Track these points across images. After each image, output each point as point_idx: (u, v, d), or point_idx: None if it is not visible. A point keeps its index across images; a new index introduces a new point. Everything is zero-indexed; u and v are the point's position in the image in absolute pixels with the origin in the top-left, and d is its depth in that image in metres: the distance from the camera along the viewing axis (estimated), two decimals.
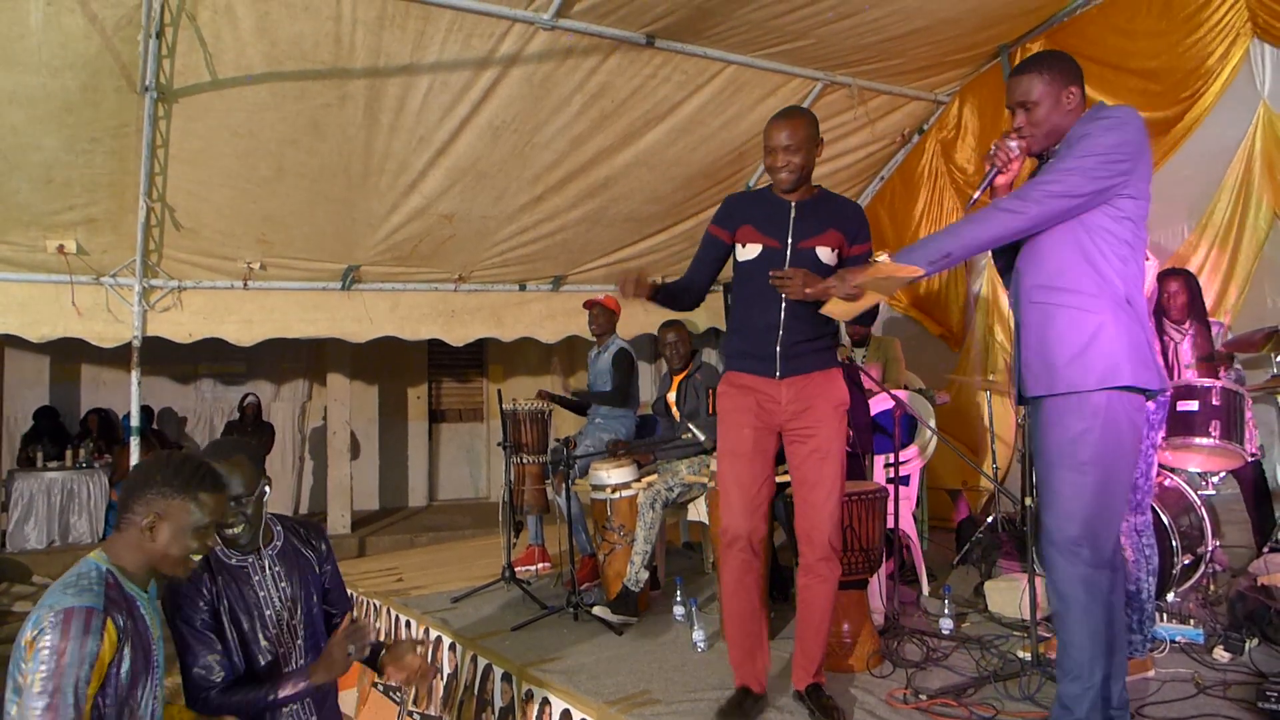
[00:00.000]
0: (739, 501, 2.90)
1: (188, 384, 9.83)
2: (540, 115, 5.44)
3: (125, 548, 1.97)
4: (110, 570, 1.93)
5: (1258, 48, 4.67)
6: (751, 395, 2.92)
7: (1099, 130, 2.28)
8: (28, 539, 7.92)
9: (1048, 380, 2.33)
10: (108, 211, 5.28)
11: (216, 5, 4.22)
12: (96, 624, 1.79)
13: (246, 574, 2.36)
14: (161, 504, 1.95)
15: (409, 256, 6.43)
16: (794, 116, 2.96)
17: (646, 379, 9.34)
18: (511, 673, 3.56)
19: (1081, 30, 5.47)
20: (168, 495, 1.96)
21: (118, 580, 1.93)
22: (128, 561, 1.96)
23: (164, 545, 1.96)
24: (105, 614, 1.82)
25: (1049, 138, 2.41)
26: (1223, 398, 3.81)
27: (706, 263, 3.20)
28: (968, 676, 3.17)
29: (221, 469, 2.16)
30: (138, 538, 1.95)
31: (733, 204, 3.15)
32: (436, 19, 4.59)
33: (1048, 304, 2.33)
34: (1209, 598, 3.83)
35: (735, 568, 2.92)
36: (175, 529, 1.96)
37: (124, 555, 1.96)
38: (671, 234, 7.13)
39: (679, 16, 4.91)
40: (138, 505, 1.95)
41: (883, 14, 5.07)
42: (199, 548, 2.01)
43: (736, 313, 3.07)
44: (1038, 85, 2.39)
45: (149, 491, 1.96)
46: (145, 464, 2.05)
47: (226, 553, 2.35)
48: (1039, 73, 2.40)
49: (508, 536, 4.97)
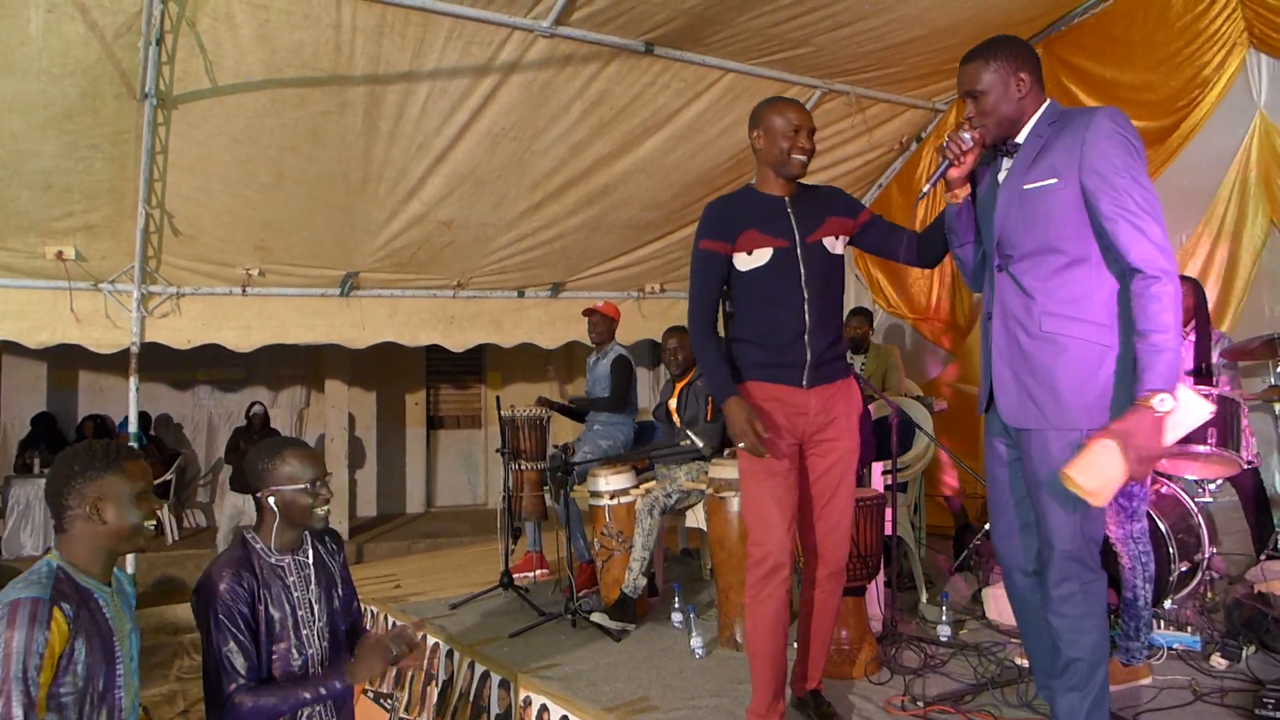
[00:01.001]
0: (781, 524, 2.65)
1: (185, 390, 9.83)
2: (539, 122, 5.45)
3: (74, 542, 1.99)
4: (61, 566, 1.96)
5: (1254, 58, 4.68)
6: (780, 407, 2.72)
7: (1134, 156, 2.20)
8: (24, 545, 7.91)
9: (1056, 416, 2.24)
10: (106, 218, 5.28)
11: (216, 12, 4.23)
12: (43, 614, 1.81)
13: (284, 573, 2.41)
14: (94, 486, 1.98)
15: (408, 263, 6.44)
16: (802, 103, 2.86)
17: (645, 385, 9.34)
18: (509, 679, 3.56)
19: (1079, 39, 5.50)
20: (95, 476, 1.98)
21: (69, 575, 1.95)
22: (78, 556, 1.99)
23: (114, 522, 1.99)
24: (51, 603, 1.84)
25: (1001, 126, 2.33)
26: (1219, 405, 3.82)
27: (716, 283, 2.82)
28: (966, 683, 3.17)
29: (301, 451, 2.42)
30: (84, 528, 1.98)
31: (720, 212, 2.84)
32: (436, 27, 4.61)
33: (1059, 335, 2.23)
34: (1206, 605, 3.83)
35: (778, 599, 2.66)
36: (117, 503, 1.99)
37: (74, 550, 1.99)
38: (670, 241, 7.14)
39: (678, 24, 4.93)
40: (70, 499, 1.98)
41: (881, 22, 5.09)
42: (146, 513, 2.04)
43: (749, 322, 2.79)
44: (985, 73, 2.32)
45: (74, 482, 1.98)
46: (56, 464, 2.06)
47: (267, 551, 2.41)
48: (986, 60, 2.33)
49: (506, 543, 4.98)
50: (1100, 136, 2.18)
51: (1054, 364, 2.23)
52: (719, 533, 3.86)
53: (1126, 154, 2.17)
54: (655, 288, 7.70)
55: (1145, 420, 2.01)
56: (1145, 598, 3.08)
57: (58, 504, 2.00)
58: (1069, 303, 2.22)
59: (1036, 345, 2.26)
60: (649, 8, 4.70)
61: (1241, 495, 4.31)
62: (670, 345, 4.80)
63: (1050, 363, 2.24)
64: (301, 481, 2.39)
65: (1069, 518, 2.24)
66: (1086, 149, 2.18)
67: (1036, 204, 2.26)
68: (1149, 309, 2.07)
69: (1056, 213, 2.22)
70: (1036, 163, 2.27)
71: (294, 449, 2.44)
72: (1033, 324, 2.26)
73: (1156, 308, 2.06)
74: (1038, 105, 2.33)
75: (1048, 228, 2.24)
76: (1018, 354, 2.30)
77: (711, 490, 3.92)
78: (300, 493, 2.39)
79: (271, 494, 2.39)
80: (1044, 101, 2.34)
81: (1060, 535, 2.25)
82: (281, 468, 2.40)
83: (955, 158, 2.39)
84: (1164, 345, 2.04)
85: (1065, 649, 2.29)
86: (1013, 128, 2.33)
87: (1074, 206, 2.20)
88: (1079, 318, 2.21)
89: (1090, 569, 2.28)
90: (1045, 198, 2.24)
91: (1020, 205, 2.29)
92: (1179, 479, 4.08)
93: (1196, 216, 4.97)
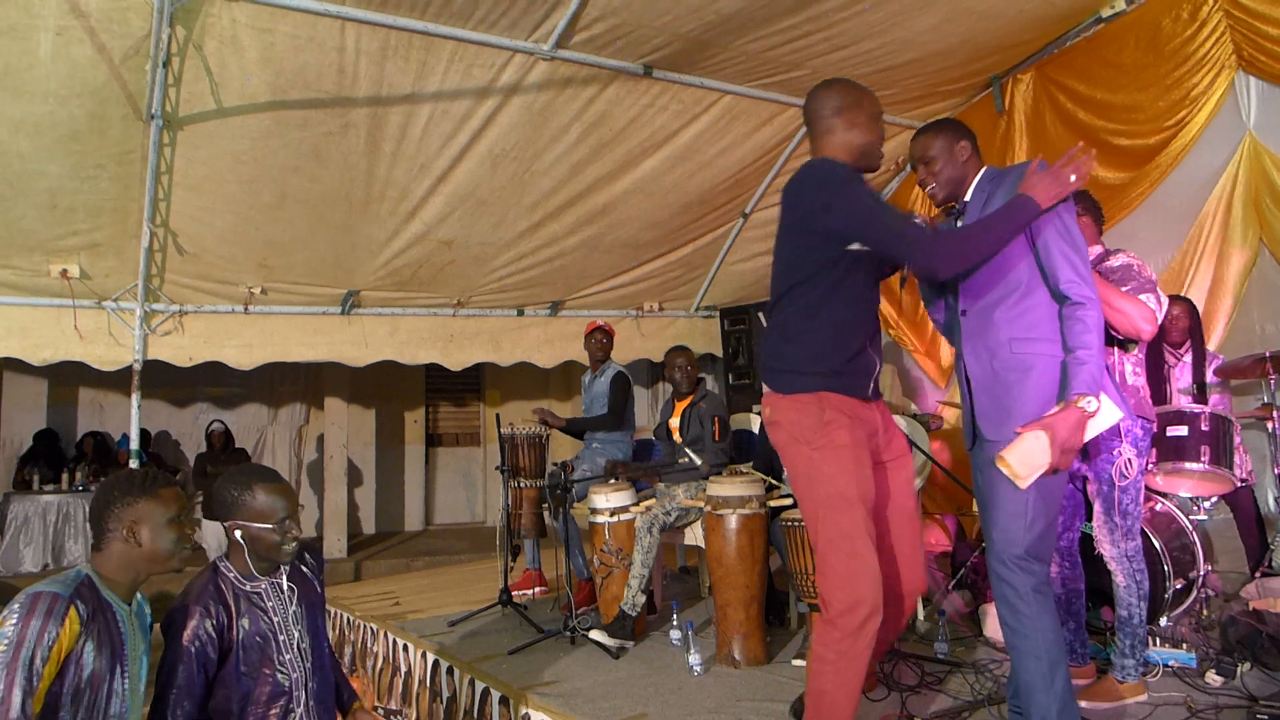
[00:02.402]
0: (875, 562, 2.39)
1: (184, 408, 9.84)
2: (539, 143, 5.52)
3: (108, 560, 2.10)
4: (90, 574, 2.07)
5: (1243, 79, 4.74)
6: (862, 425, 2.56)
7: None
8: (23, 561, 7.91)
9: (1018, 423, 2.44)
10: (111, 236, 5.34)
11: (223, 35, 4.30)
12: (60, 609, 1.91)
13: (261, 599, 2.37)
14: (131, 511, 2.10)
15: (408, 282, 6.49)
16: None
17: (642, 404, 9.37)
18: (509, 696, 3.57)
19: (1070, 62, 5.57)
20: (132, 502, 2.11)
21: (94, 584, 2.05)
22: (110, 572, 2.10)
23: (148, 545, 2.11)
24: (70, 601, 1.94)
25: (949, 185, 2.69)
26: (1211, 423, 3.86)
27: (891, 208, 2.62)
28: (963, 700, 3.19)
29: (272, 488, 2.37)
30: (121, 548, 2.10)
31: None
32: (438, 50, 4.68)
33: (1026, 355, 2.51)
34: (1201, 622, 3.85)
35: (870, 646, 2.38)
36: (151, 527, 2.11)
37: (106, 566, 2.10)
38: (668, 260, 7.21)
39: (676, 48, 5.01)
40: (110, 521, 2.10)
41: (875, 45, 5.16)
42: (179, 538, 2.15)
43: (827, 318, 2.56)
44: (935, 142, 2.70)
45: (114, 506, 2.10)
46: (99, 488, 2.20)
47: (240, 579, 2.36)
48: (934, 133, 2.72)
49: (505, 560, 4.99)
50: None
51: (1024, 381, 2.50)
52: (717, 550, 3.88)
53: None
54: (654, 306, 7.75)
55: (1072, 416, 2.33)
56: (1140, 615, 3.10)
57: (98, 525, 2.11)
58: (1031, 327, 2.52)
59: (1007, 368, 2.54)
60: (647, 32, 4.78)
61: (1236, 513, 4.34)
62: (677, 363, 4.81)
63: (1021, 380, 2.51)
64: (269, 520, 2.33)
65: (1020, 517, 2.44)
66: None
67: None
68: (1074, 329, 2.44)
69: (1009, 250, 2.53)
70: (983, 212, 2.59)
71: (263, 483, 2.36)
72: (1003, 350, 2.54)
73: (1080, 328, 2.43)
74: (978, 169, 2.71)
75: (1003, 263, 2.54)
76: (993, 379, 2.57)
77: (710, 508, 3.94)
78: (267, 530, 2.33)
79: (238, 528, 2.33)
80: (982, 167, 2.72)
81: (1013, 534, 2.45)
82: (250, 503, 2.33)
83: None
84: (1086, 359, 2.40)
85: (1020, 646, 2.43)
86: (959, 187, 2.70)
87: (1020, 244, 2.53)
88: (1041, 338, 2.51)
89: (1044, 565, 2.47)
90: None
91: None
92: (1174, 497, 4.11)
93: (1185, 235, 5.03)
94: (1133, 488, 3.11)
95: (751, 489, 3.92)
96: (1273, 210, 4.62)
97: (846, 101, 2.62)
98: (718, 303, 7.92)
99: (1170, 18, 4.91)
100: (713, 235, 7.12)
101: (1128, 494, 3.10)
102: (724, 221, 7.00)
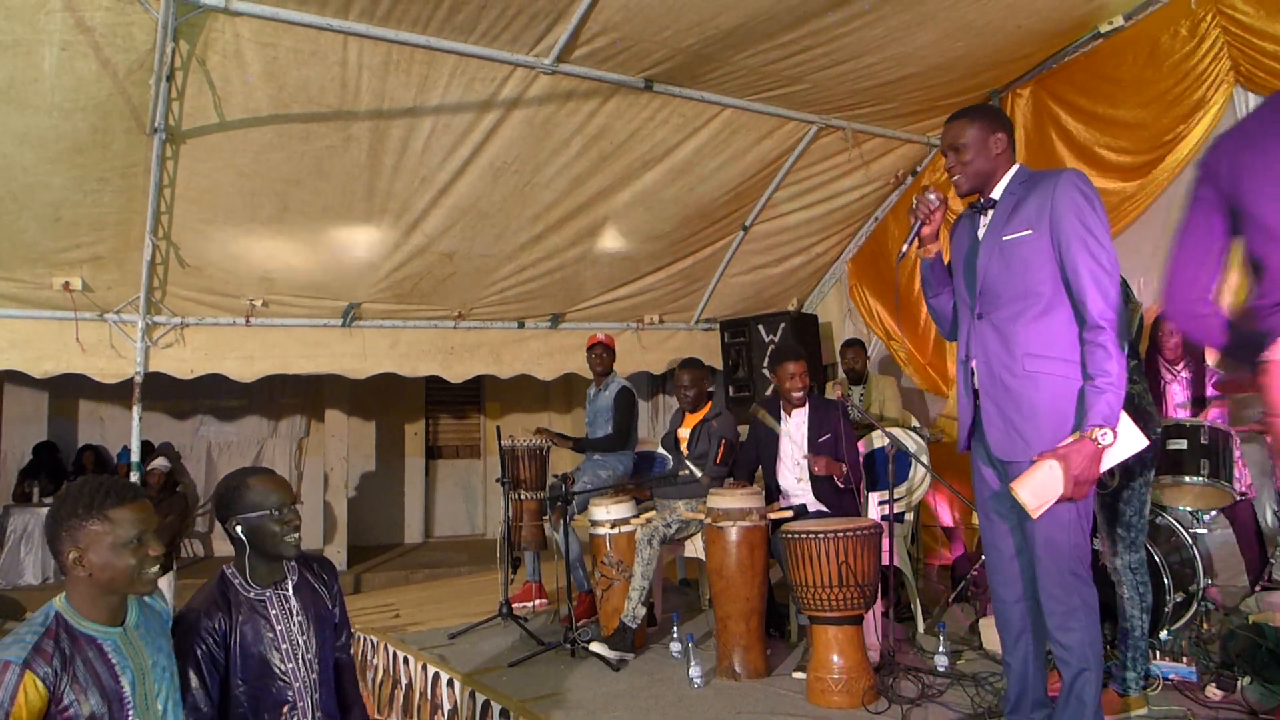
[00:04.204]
0: None
1: (184, 420, 9.83)
2: (541, 156, 5.54)
3: (75, 587, 1.95)
4: (60, 613, 1.92)
5: (1240, 94, 4.77)
6: None
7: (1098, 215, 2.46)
8: (23, 573, 7.90)
9: (1039, 446, 2.43)
10: (113, 249, 5.35)
11: (226, 50, 4.33)
12: (10, 679, 1.78)
13: (265, 607, 2.36)
14: (77, 534, 1.91)
15: (409, 294, 6.50)
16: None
17: (643, 416, 9.37)
18: (510, 709, 3.56)
19: (1069, 76, 5.61)
20: (77, 525, 1.91)
21: (66, 623, 1.91)
22: (80, 599, 1.95)
23: (100, 572, 1.92)
24: (24, 666, 1.81)
25: (976, 178, 2.62)
26: (1211, 436, 3.86)
27: None
28: (963, 713, 3.19)
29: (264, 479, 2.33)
30: (74, 576, 1.93)
31: None
32: (440, 64, 4.71)
33: (1039, 373, 2.48)
34: (1202, 636, 3.84)
35: None
36: (100, 553, 1.91)
37: (75, 594, 1.95)
38: (669, 272, 7.22)
39: (676, 62, 5.04)
40: (60, 545, 1.92)
41: (876, 60, 5.20)
42: (138, 561, 1.95)
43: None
44: (969, 130, 2.60)
45: (61, 528, 1.92)
46: (54, 500, 2.01)
47: (245, 586, 2.36)
48: (970, 118, 2.62)
49: (505, 573, 4.98)
50: (1067, 197, 2.46)
51: (1035, 399, 2.48)
52: (718, 562, 3.88)
53: (1094, 214, 2.45)
54: (654, 319, 7.77)
55: (1086, 449, 2.30)
56: (1142, 627, 3.11)
57: (52, 548, 1.95)
58: (1047, 344, 2.47)
59: (1019, 383, 2.49)
60: (648, 46, 4.81)
61: (1236, 527, 4.34)
62: (684, 381, 4.82)
63: (1032, 398, 2.48)
64: (265, 507, 2.31)
65: (1064, 536, 2.43)
66: (1056, 205, 2.47)
67: (1014, 253, 2.53)
68: (1095, 355, 2.38)
69: (1033, 260, 2.49)
70: (1012, 217, 2.54)
71: (256, 476, 2.37)
72: (1016, 365, 2.50)
73: (1101, 355, 2.37)
74: (1009, 166, 2.62)
75: (1026, 274, 2.50)
76: (1002, 392, 2.53)
77: (710, 520, 3.95)
78: (265, 519, 2.31)
79: (238, 522, 2.32)
80: (1015, 164, 2.63)
81: (1058, 553, 2.43)
82: (245, 495, 2.33)
83: (925, 216, 2.70)
84: (1105, 388, 2.34)
85: (1074, 662, 2.43)
86: (986, 181, 2.62)
87: (1047, 255, 2.48)
88: (1056, 356, 2.47)
89: (1086, 582, 2.46)
90: (1022, 248, 2.52)
91: (1000, 254, 2.56)
92: (1174, 510, 4.11)
93: None
94: (1136, 499, 3.11)
95: (752, 501, 3.93)
96: None
97: None
98: (718, 315, 7.94)
99: (1168, 34, 4.95)
100: (713, 248, 7.14)
101: (1130, 506, 3.10)
102: (724, 234, 7.02)
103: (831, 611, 3.44)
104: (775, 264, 7.53)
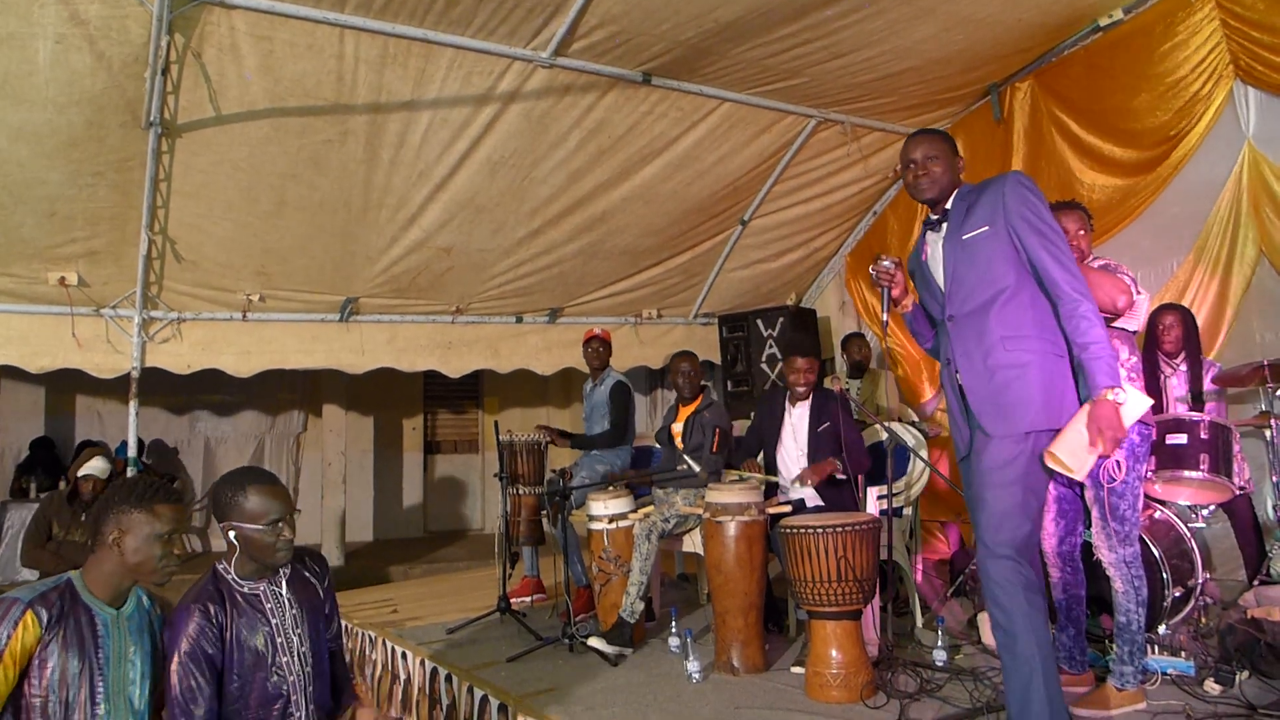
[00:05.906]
0: None
1: (181, 415, 9.81)
2: (538, 150, 5.53)
3: (96, 564, 2.18)
4: (71, 580, 2.16)
5: (1241, 89, 4.74)
6: None
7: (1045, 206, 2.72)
8: (19, 569, 7.89)
9: (1029, 418, 2.61)
10: (109, 244, 5.33)
11: (222, 43, 4.31)
12: (15, 613, 2.01)
13: (259, 601, 2.38)
14: (124, 519, 2.18)
15: (407, 289, 6.49)
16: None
17: (641, 410, 9.37)
18: (508, 703, 3.56)
19: (1067, 70, 5.59)
20: (128, 510, 2.18)
21: (74, 589, 2.14)
22: (97, 576, 2.18)
23: (130, 556, 2.17)
24: (28, 605, 2.03)
25: (939, 189, 2.85)
26: (1210, 431, 3.86)
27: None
28: (962, 708, 3.18)
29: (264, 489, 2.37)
30: (107, 553, 2.17)
31: None
32: (437, 57, 4.69)
33: (1019, 351, 2.64)
34: (1200, 630, 3.85)
35: None
36: (137, 539, 2.17)
37: (94, 571, 2.18)
38: (667, 267, 7.21)
39: (675, 55, 5.02)
40: (105, 525, 2.18)
41: (875, 53, 5.18)
42: (164, 554, 2.21)
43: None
44: (942, 145, 2.87)
45: (112, 511, 2.19)
46: (110, 488, 2.29)
47: (239, 581, 2.37)
48: (943, 138, 2.91)
49: (503, 568, 4.98)
50: (1015, 194, 2.71)
51: (1022, 376, 2.63)
52: (716, 557, 3.88)
53: (1040, 205, 2.71)
54: (652, 313, 7.76)
55: (1107, 409, 2.48)
56: (1139, 622, 3.10)
57: (95, 526, 2.19)
58: (1017, 325, 2.66)
59: (1001, 365, 2.66)
60: (646, 39, 4.79)
61: (1234, 521, 4.34)
62: (682, 369, 4.82)
63: (1018, 375, 2.63)
64: (262, 520, 2.33)
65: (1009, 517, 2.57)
66: (1008, 203, 2.70)
67: (976, 249, 2.75)
68: (1079, 326, 2.57)
69: (995, 254, 2.70)
70: (967, 219, 2.77)
71: (257, 484, 2.37)
72: (997, 349, 2.67)
73: (1085, 324, 2.56)
74: (960, 183, 2.89)
75: (989, 267, 2.70)
76: (986, 379, 2.68)
77: (709, 515, 3.94)
78: (260, 532, 2.33)
79: (232, 528, 2.34)
80: (962, 183, 2.91)
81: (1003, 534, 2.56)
82: (243, 503, 2.34)
83: (889, 281, 2.95)
84: (1100, 353, 2.53)
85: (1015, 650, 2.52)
86: (943, 194, 2.86)
87: (1005, 247, 2.70)
88: (1028, 334, 2.65)
89: (1033, 568, 2.58)
90: (981, 243, 2.74)
91: (963, 252, 2.77)
92: (1172, 504, 4.11)
93: (1186, 245, 5.02)
94: (1129, 493, 3.11)
95: (750, 496, 3.92)
96: (1272, 219, 4.63)
97: None
98: (716, 310, 7.93)
99: (1167, 27, 4.93)
100: (711, 242, 7.13)
101: (1124, 499, 3.10)
102: (723, 229, 7.01)
103: (830, 606, 3.43)
104: (774, 258, 7.52)
